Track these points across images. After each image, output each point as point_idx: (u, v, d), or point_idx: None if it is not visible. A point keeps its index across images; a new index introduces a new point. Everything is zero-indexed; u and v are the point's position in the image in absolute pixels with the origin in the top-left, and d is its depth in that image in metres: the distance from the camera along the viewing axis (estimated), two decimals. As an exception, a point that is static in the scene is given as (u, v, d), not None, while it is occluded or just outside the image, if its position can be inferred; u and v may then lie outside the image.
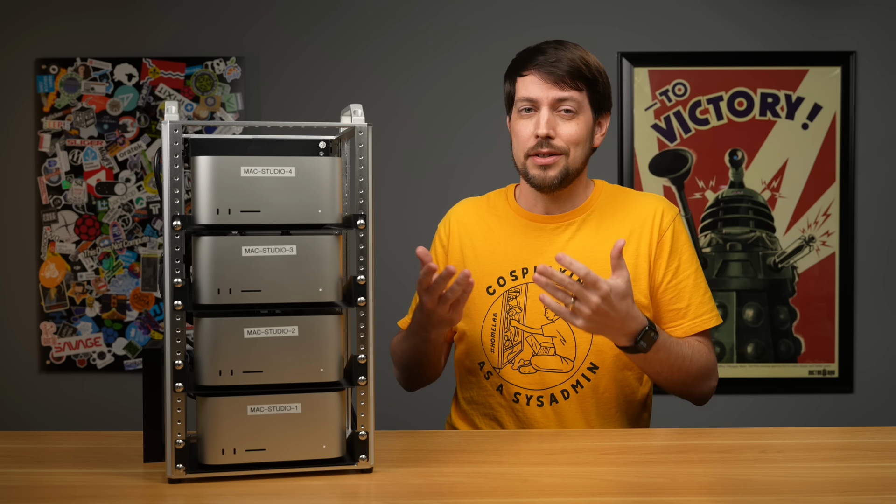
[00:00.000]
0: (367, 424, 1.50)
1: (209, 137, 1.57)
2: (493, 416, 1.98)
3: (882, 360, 3.38)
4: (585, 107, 1.92)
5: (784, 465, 1.55)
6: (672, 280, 1.94)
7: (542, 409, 1.93)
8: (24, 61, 3.40)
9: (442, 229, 2.08)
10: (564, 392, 1.93)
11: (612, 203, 1.99)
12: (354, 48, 3.40)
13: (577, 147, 1.91)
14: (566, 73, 1.88)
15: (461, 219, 2.06)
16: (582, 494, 1.43)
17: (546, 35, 3.34)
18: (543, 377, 1.93)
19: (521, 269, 1.96)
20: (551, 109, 1.89)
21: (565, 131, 1.90)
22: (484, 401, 1.98)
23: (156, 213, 3.40)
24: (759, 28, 3.36)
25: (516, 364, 1.94)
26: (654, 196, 2.02)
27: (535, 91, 1.90)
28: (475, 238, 2.02)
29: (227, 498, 1.39)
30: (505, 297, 1.96)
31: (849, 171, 3.34)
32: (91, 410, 3.40)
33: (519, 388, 1.94)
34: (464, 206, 2.09)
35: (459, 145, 3.38)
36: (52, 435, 1.87)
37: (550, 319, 1.92)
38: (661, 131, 3.36)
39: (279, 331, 1.47)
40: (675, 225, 1.96)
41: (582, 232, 1.96)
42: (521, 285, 1.95)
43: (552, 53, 1.90)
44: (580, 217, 1.98)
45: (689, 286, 1.94)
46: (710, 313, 1.95)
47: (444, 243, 2.05)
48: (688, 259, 1.96)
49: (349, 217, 1.52)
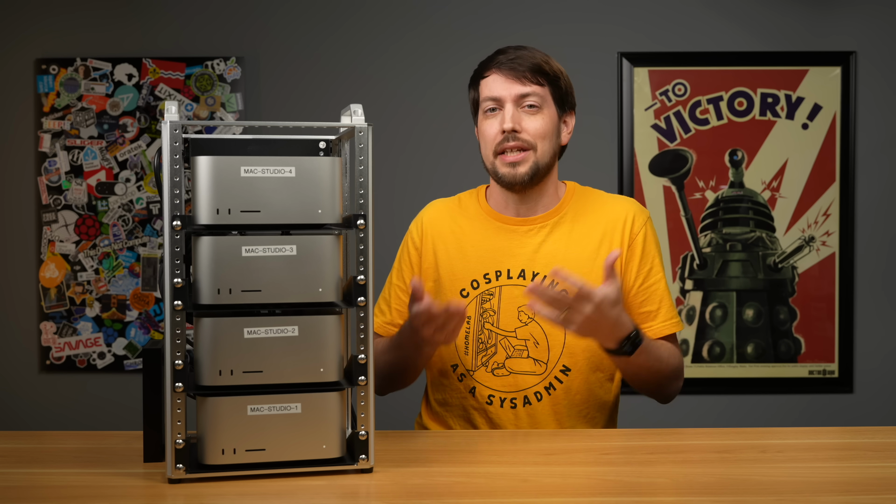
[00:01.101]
0: (367, 424, 1.50)
1: (209, 137, 1.57)
2: (467, 418, 1.98)
3: (882, 360, 3.38)
4: (549, 102, 1.94)
5: (784, 465, 1.55)
6: (644, 283, 1.95)
7: (514, 411, 1.93)
8: (24, 61, 3.40)
9: (414, 230, 2.07)
10: (537, 394, 1.93)
11: (584, 205, 2.00)
12: (354, 48, 3.40)
13: (543, 141, 1.92)
14: (527, 70, 1.91)
15: (434, 220, 2.05)
16: (582, 494, 1.43)
17: (546, 35, 3.36)
18: (516, 379, 1.93)
19: (495, 271, 1.96)
20: (515, 105, 1.91)
21: (531, 125, 1.91)
22: (456, 402, 1.98)
23: (156, 213, 3.40)
24: (759, 28, 3.36)
25: (490, 367, 1.94)
26: (626, 199, 2.03)
27: (498, 89, 1.92)
28: (447, 240, 2.01)
29: (227, 498, 1.39)
30: (479, 300, 1.96)
31: (849, 171, 3.34)
32: (91, 410, 3.40)
33: (492, 390, 1.94)
34: (436, 206, 2.08)
35: (459, 145, 3.38)
36: (52, 435, 1.87)
37: (524, 322, 1.93)
38: (661, 131, 3.36)
39: (279, 331, 1.47)
40: (646, 229, 1.97)
41: (554, 235, 1.96)
42: (494, 288, 1.95)
43: (512, 53, 1.93)
44: (552, 220, 1.98)
45: (660, 289, 1.96)
46: (675, 318, 1.98)
47: (416, 245, 2.04)
48: (658, 263, 1.98)
49: (349, 217, 1.52)
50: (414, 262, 2.03)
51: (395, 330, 2.02)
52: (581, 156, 3.32)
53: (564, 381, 1.93)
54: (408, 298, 2.01)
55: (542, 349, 1.92)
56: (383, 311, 2.05)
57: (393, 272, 2.06)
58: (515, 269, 1.95)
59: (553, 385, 1.93)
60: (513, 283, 1.94)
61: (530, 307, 1.71)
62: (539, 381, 1.93)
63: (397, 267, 2.06)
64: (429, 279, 2.00)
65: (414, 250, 2.04)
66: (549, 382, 1.93)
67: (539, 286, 1.68)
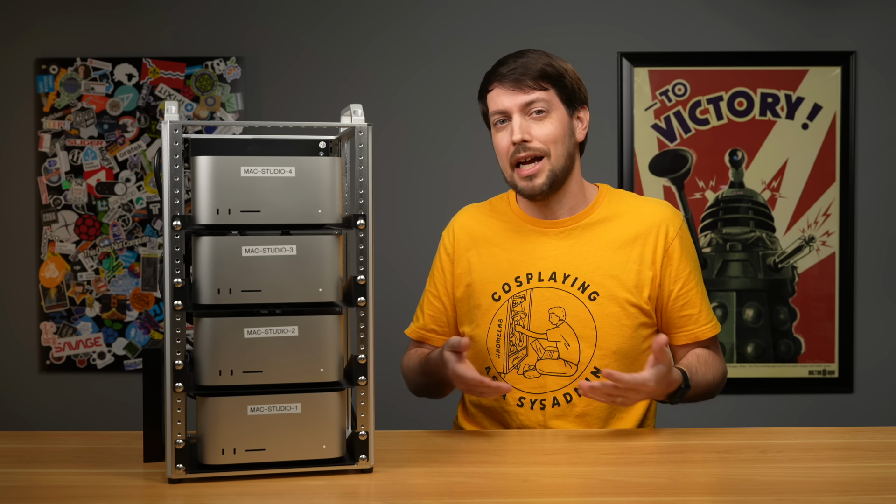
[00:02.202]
0: (367, 424, 1.50)
1: (209, 137, 1.57)
2: (500, 420, 1.98)
3: (882, 360, 3.38)
4: (556, 104, 1.93)
5: (784, 465, 1.55)
6: (683, 287, 1.95)
7: (543, 413, 1.93)
8: (24, 61, 3.40)
9: (446, 238, 2.08)
10: (567, 396, 1.93)
11: (617, 208, 1.99)
12: (354, 49, 3.40)
13: (556, 145, 1.91)
14: (527, 77, 1.90)
15: (465, 226, 2.06)
16: (582, 494, 1.43)
17: (546, 35, 3.36)
18: (547, 381, 1.93)
19: (526, 274, 1.96)
20: (522, 114, 1.91)
21: (540, 132, 1.91)
22: (490, 405, 1.98)
23: (156, 213, 3.40)
24: (759, 28, 3.36)
25: (521, 369, 1.94)
26: (660, 202, 2.02)
27: (503, 102, 1.92)
28: (480, 245, 2.02)
29: (227, 498, 1.39)
30: (510, 302, 1.96)
31: (849, 171, 3.34)
32: (91, 410, 3.40)
33: (523, 392, 1.94)
34: (467, 213, 2.10)
35: (459, 145, 3.38)
36: (52, 435, 1.87)
37: (554, 324, 1.93)
38: (661, 131, 3.36)
39: (279, 331, 1.47)
40: (681, 233, 1.97)
41: (585, 237, 1.96)
42: (525, 291, 1.95)
43: (511, 63, 1.93)
44: (583, 221, 1.98)
45: (699, 292, 1.97)
46: (715, 319, 1.99)
47: (449, 253, 2.06)
48: (696, 266, 1.99)
49: (349, 217, 1.52)
50: (446, 270, 2.05)
51: (427, 335, 2.07)
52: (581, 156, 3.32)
53: None
54: (438, 304, 2.06)
55: (573, 351, 1.92)
56: (417, 317, 2.09)
57: (427, 281, 2.10)
58: (546, 272, 1.95)
59: None
60: (543, 286, 1.94)
61: (588, 395, 1.75)
62: (569, 383, 1.93)
63: (431, 275, 2.09)
64: (461, 284, 2.02)
65: (447, 257, 2.06)
66: (578, 384, 1.92)
67: (589, 388, 1.73)
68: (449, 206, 2.11)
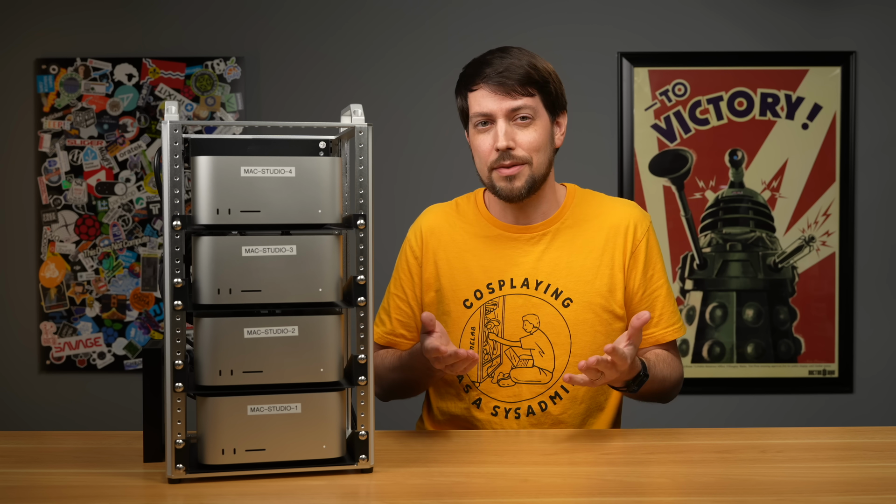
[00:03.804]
0: (367, 424, 1.50)
1: (209, 137, 1.57)
2: (473, 429, 1.95)
3: (882, 359, 3.38)
4: (541, 111, 1.88)
5: (784, 465, 1.55)
6: (646, 290, 1.95)
7: (518, 422, 1.92)
8: (24, 61, 3.40)
9: (413, 238, 2.02)
10: (542, 404, 1.92)
11: (586, 210, 1.97)
12: (354, 48, 3.40)
13: (538, 153, 1.88)
14: (516, 82, 1.85)
15: (433, 228, 2.00)
16: (582, 494, 1.43)
17: (546, 35, 3.36)
18: (522, 389, 1.92)
19: (498, 281, 1.94)
20: (507, 120, 1.86)
21: (525, 139, 1.87)
22: (461, 413, 1.96)
23: (156, 213, 3.40)
24: (759, 28, 3.36)
25: (496, 378, 1.93)
26: (628, 203, 2.01)
27: (488, 104, 1.86)
28: (448, 249, 1.97)
29: (227, 498, 1.39)
30: (482, 310, 1.93)
31: (849, 171, 3.34)
32: (91, 410, 3.40)
33: (498, 401, 1.93)
34: (434, 213, 2.03)
35: (459, 145, 3.37)
36: (52, 435, 1.87)
37: (528, 332, 1.92)
38: (661, 131, 3.36)
39: (279, 331, 1.47)
40: (648, 235, 1.96)
41: (556, 242, 1.95)
42: (497, 298, 1.93)
43: (498, 63, 1.86)
44: (554, 226, 1.95)
45: (662, 296, 1.96)
46: (678, 323, 1.98)
47: (416, 254, 2.00)
48: (661, 269, 1.98)
49: (349, 217, 1.52)
50: (414, 272, 1.99)
51: (396, 340, 2.01)
52: (581, 156, 3.32)
53: (571, 390, 1.92)
54: (407, 308, 2.00)
55: (548, 358, 1.91)
56: (383, 321, 2.02)
57: (391, 282, 2.03)
58: (519, 279, 1.93)
59: (559, 394, 1.92)
60: (516, 293, 1.93)
61: (570, 381, 1.71)
62: (544, 391, 1.92)
63: (395, 276, 2.03)
64: (430, 289, 1.98)
65: (413, 259, 2.00)
66: (554, 391, 1.92)
67: (574, 378, 1.69)
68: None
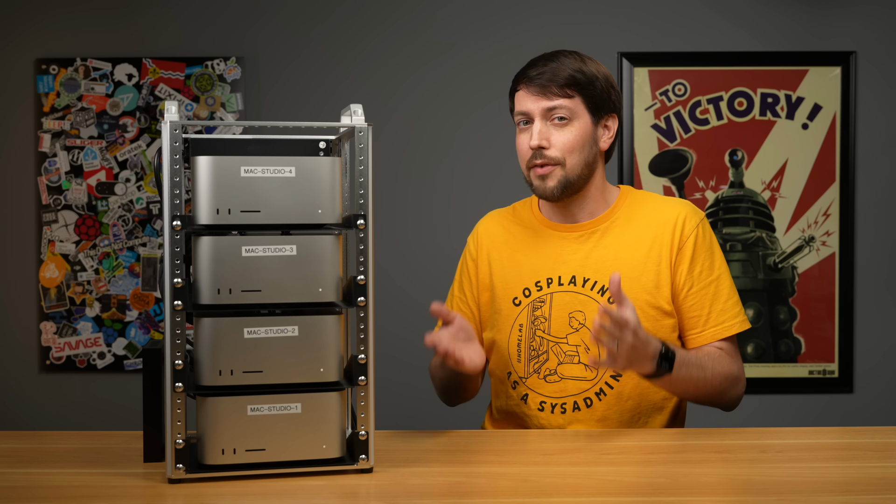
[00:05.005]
0: (367, 424, 1.50)
1: (209, 137, 1.57)
2: (522, 426, 1.97)
3: (882, 360, 3.38)
4: (580, 112, 1.91)
5: (784, 465, 1.55)
6: (693, 288, 1.93)
7: (565, 417, 1.93)
8: (24, 61, 3.40)
9: (471, 243, 2.09)
10: (587, 400, 1.92)
11: (636, 210, 1.98)
12: (354, 48, 3.40)
13: (572, 154, 1.90)
14: (553, 83, 1.89)
15: (489, 232, 2.07)
16: (582, 494, 1.43)
17: (546, 35, 3.36)
18: (567, 385, 1.93)
19: (546, 279, 1.96)
20: (544, 119, 1.90)
21: (559, 140, 1.90)
22: (512, 410, 1.98)
23: (156, 213, 3.40)
24: (759, 28, 3.36)
25: (542, 374, 1.94)
26: (679, 201, 2.01)
27: (527, 104, 1.92)
28: (501, 250, 2.03)
29: (227, 498, 1.39)
30: (530, 307, 1.96)
31: (849, 171, 3.34)
32: (91, 410, 3.40)
33: (544, 397, 1.94)
34: (491, 218, 2.10)
35: (459, 145, 3.38)
36: (52, 435, 1.87)
37: (574, 328, 1.93)
38: (661, 131, 3.36)
39: (279, 331, 1.47)
40: (697, 231, 1.95)
41: (605, 240, 1.96)
42: (545, 295, 1.95)
43: (541, 66, 1.91)
44: (603, 225, 1.97)
45: (710, 293, 1.93)
46: (732, 320, 1.94)
47: (473, 257, 2.07)
48: (709, 266, 1.94)
49: (349, 217, 1.52)
50: (472, 275, 2.06)
51: None
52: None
53: (616, 387, 1.91)
54: (467, 310, 2.06)
55: (593, 354, 1.91)
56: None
57: (455, 284, 2.11)
58: (566, 276, 1.95)
59: (603, 391, 1.92)
60: (564, 290, 1.94)
61: (591, 362, 1.73)
62: (590, 387, 1.92)
63: (457, 279, 2.10)
64: (486, 290, 2.03)
65: (472, 262, 2.07)
66: (599, 388, 1.92)
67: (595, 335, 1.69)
68: (449, 206, 2.11)
